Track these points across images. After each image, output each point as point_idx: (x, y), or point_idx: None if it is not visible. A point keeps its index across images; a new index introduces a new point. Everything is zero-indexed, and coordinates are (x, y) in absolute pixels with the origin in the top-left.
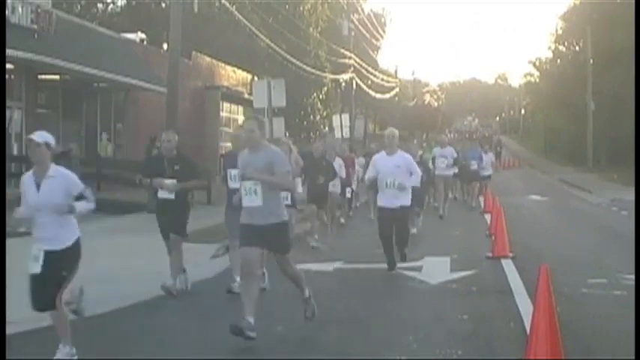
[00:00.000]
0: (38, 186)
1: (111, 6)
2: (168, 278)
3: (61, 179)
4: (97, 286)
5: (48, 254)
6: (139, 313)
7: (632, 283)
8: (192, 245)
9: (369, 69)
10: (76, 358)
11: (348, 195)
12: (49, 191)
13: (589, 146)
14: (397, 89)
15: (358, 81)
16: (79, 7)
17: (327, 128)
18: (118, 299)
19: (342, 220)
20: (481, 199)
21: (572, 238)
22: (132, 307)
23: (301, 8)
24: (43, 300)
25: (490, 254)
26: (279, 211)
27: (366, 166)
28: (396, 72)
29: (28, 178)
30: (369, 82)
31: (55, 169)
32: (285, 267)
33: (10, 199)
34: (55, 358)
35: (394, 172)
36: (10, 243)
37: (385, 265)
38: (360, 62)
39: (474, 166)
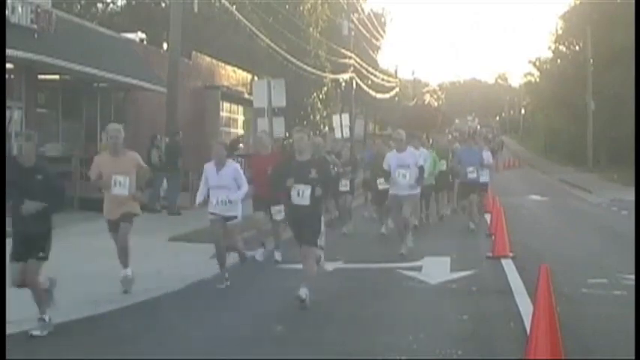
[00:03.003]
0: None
1: (111, 6)
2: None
3: None
4: (96, 286)
5: None
6: (139, 313)
7: (632, 283)
8: (191, 245)
9: (369, 69)
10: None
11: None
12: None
13: (589, 146)
14: (397, 89)
15: (358, 81)
16: (78, 6)
17: (327, 128)
18: (117, 299)
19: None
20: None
21: (572, 238)
22: (132, 307)
23: (301, 8)
24: None
25: (490, 254)
26: None
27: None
28: (396, 72)
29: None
30: (369, 82)
31: None
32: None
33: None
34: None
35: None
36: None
37: (385, 265)
38: (360, 62)
39: (473, 174)
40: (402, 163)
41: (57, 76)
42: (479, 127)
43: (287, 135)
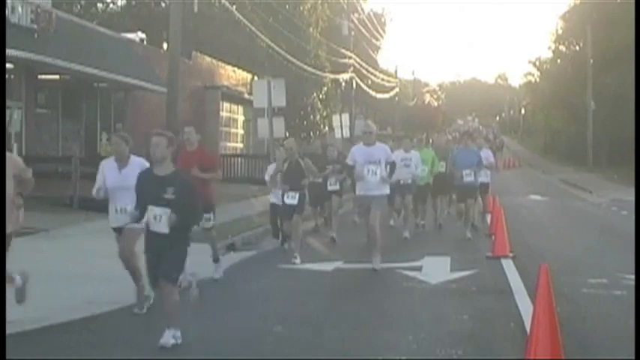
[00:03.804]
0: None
1: (111, 6)
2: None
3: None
4: (96, 286)
5: None
6: (138, 313)
7: (632, 283)
8: (191, 245)
9: (369, 69)
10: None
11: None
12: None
13: (589, 146)
14: (397, 89)
15: (358, 81)
16: (79, 6)
17: (327, 128)
18: (117, 299)
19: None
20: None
21: (573, 238)
22: (132, 308)
23: (301, 8)
24: None
25: (490, 254)
26: None
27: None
28: (396, 72)
29: None
30: (369, 82)
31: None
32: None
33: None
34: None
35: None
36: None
37: (385, 265)
38: (360, 62)
39: (469, 177)
40: (370, 158)
41: (57, 76)
42: (480, 127)
43: (287, 135)
